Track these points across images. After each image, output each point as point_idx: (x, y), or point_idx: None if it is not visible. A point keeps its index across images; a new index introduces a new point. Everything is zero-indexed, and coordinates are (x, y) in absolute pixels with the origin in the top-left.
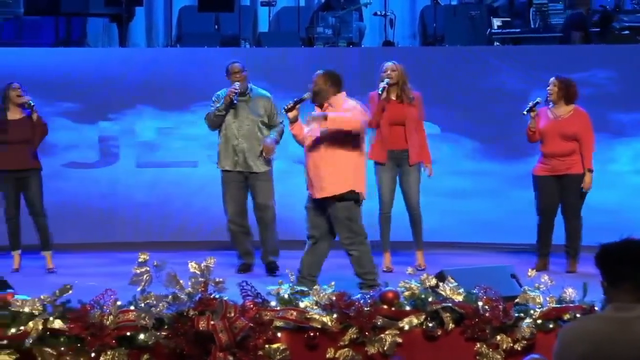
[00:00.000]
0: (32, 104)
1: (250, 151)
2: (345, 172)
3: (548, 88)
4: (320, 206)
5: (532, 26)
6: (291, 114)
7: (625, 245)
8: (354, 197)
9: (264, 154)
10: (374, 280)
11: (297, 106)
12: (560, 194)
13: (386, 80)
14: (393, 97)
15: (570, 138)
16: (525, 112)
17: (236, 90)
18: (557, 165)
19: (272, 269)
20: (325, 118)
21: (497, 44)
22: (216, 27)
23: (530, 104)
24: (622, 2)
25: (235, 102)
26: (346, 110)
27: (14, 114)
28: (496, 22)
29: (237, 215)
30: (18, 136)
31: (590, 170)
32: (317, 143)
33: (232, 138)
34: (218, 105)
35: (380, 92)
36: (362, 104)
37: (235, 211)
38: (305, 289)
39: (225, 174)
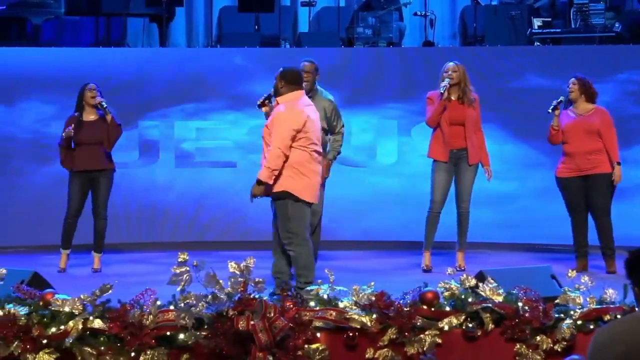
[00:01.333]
0: (105, 105)
1: None
2: (283, 173)
3: (568, 87)
4: None
5: (573, 26)
6: (264, 109)
7: None
8: (290, 197)
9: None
10: (306, 283)
11: (267, 102)
12: (587, 194)
13: (447, 80)
14: (454, 98)
15: (594, 134)
16: (550, 111)
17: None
18: (582, 164)
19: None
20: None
21: (538, 44)
22: (256, 27)
23: (555, 102)
24: None
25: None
26: (272, 124)
27: (88, 115)
28: (536, 22)
29: None
30: (91, 137)
31: (619, 163)
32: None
33: None
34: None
35: (442, 92)
36: (310, 107)
37: None
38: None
39: None
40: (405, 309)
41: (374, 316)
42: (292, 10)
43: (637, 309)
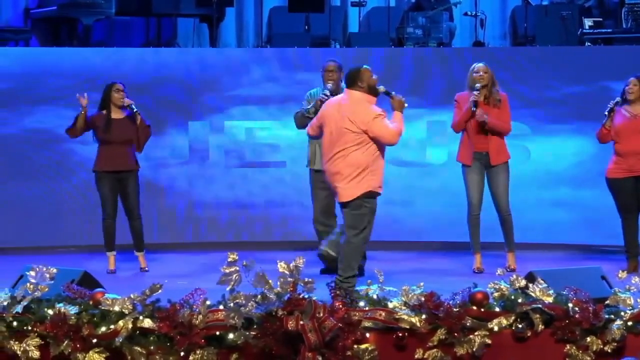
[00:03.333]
0: (134, 108)
1: None
2: (362, 175)
3: (627, 87)
4: None
5: (624, 26)
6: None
7: None
8: (375, 194)
9: None
10: (347, 278)
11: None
12: (639, 195)
13: (477, 85)
14: (481, 99)
15: None
16: (607, 113)
17: (327, 96)
18: (635, 164)
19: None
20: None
21: (589, 44)
22: (306, 27)
23: (611, 103)
24: None
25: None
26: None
27: (116, 114)
28: (587, 22)
29: (323, 215)
30: (119, 136)
31: None
32: None
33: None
34: (310, 106)
35: (473, 105)
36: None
37: (321, 210)
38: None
39: (313, 174)
40: (454, 309)
41: (424, 316)
42: (342, 10)
43: None
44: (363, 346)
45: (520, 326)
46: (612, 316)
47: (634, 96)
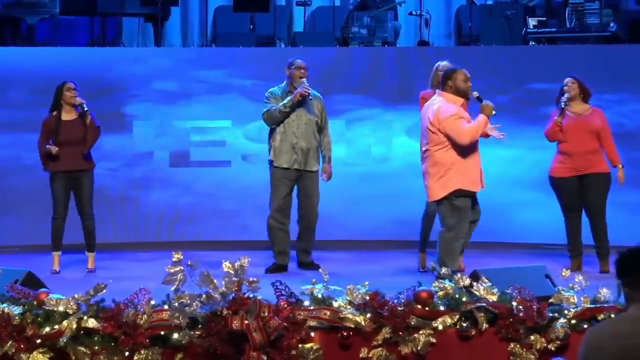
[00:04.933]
0: (85, 108)
1: (308, 150)
2: (448, 175)
3: (565, 87)
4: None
5: (568, 26)
6: None
7: None
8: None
9: (325, 177)
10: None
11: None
12: (583, 194)
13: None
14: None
15: (594, 134)
16: (563, 105)
17: (309, 90)
18: (580, 164)
19: (314, 267)
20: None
21: (533, 43)
22: (251, 27)
23: (564, 100)
24: None
25: (311, 99)
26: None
27: (67, 114)
28: (531, 22)
29: (280, 213)
30: (70, 137)
31: (623, 166)
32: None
33: (292, 136)
34: (285, 102)
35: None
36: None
37: (279, 208)
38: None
39: (278, 171)
40: (399, 308)
41: (368, 315)
42: (287, 10)
43: (628, 309)
44: (308, 345)
45: (464, 325)
46: (556, 314)
47: (574, 95)
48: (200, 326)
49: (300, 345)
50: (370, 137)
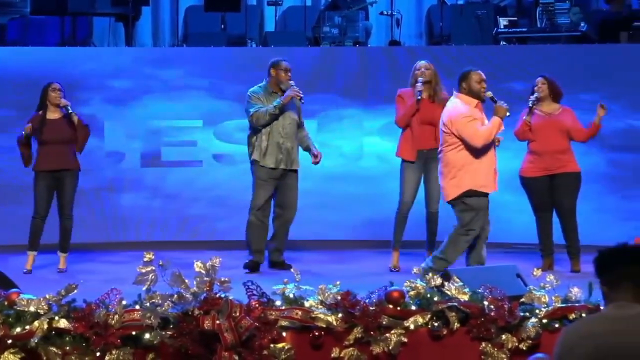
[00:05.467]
0: (70, 109)
1: (292, 149)
2: (459, 175)
3: (536, 87)
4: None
5: (539, 26)
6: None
7: (622, 247)
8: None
9: (318, 160)
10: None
11: None
12: (553, 194)
13: (421, 79)
14: (425, 96)
15: (564, 133)
16: (531, 104)
17: (301, 94)
18: (551, 164)
19: (286, 267)
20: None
21: (504, 43)
22: (222, 26)
23: (532, 99)
24: None
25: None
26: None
27: (52, 114)
28: (502, 22)
29: (262, 211)
30: (54, 136)
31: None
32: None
33: (278, 136)
34: (275, 104)
35: (419, 91)
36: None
37: (262, 207)
38: None
39: (264, 170)
40: (371, 308)
41: (340, 315)
42: (258, 10)
43: (603, 307)
44: (279, 345)
45: (436, 324)
46: (527, 314)
47: (544, 94)
48: (171, 326)
49: (271, 345)
50: (342, 136)
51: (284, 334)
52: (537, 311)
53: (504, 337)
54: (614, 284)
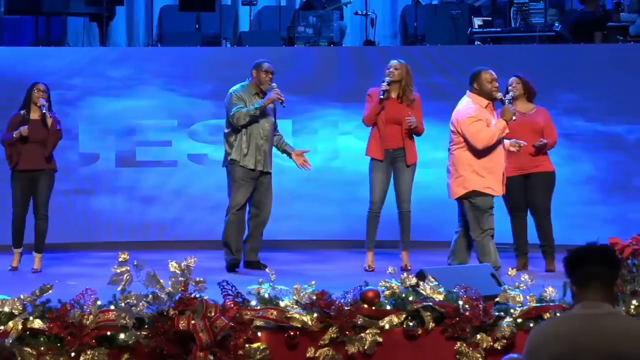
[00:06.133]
0: (44, 110)
1: (269, 151)
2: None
3: (510, 87)
4: None
5: (513, 26)
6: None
7: (591, 246)
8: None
9: (303, 163)
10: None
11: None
12: (528, 193)
13: (387, 79)
14: (393, 96)
15: (538, 133)
16: (507, 102)
17: (283, 98)
18: (525, 163)
19: (262, 267)
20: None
21: (478, 43)
22: (197, 26)
23: (509, 96)
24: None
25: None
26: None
27: (34, 114)
28: (477, 22)
29: (240, 211)
30: (35, 136)
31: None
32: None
33: (258, 138)
34: (256, 105)
35: (381, 94)
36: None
37: (240, 206)
38: None
39: (243, 171)
40: (346, 308)
41: (315, 315)
42: (233, 9)
43: (574, 307)
44: (255, 345)
45: (411, 324)
46: (502, 313)
47: (518, 94)
48: (146, 326)
49: (247, 345)
50: (316, 136)
51: (259, 333)
52: (511, 311)
53: (478, 336)
54: (583, 283)
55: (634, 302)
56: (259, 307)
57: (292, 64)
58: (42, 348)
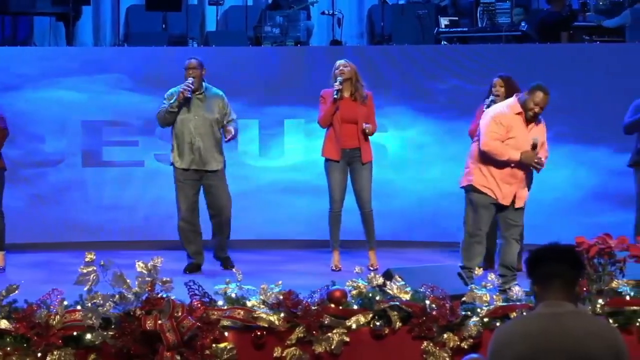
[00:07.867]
0: None
1: (206, 149)
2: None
3: (494, 89)
4: None
5: (479, 25)
6: None
7: (552, 246)
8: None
9: (227, 137)
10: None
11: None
12: None
13: (339, 78)
14: (346, 95)
15: None
16: (485, 109)
17: (190, 87)
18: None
19: (229, 265)
20: None
21: (445, 43)
22: (163, 26)
23: (488, 101)
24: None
25: (189, 97)
26: None
27: None
28: (443, 22)
29: (190, 214)
30: None
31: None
32: None
33: (189, 136)
34: (171, 101)
35: (335, 94)
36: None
37: (188, 209)
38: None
39: (179, 172)
40: (313, 307)
41: (282, 315)
42: (199, 9)
43: (536, 307)
44: (222, 345)
45: (378, 324)
46: (469, 313)
47: (502, 96)
48: (113, 326)
49: (214, 345)
50: (283, 137)
51: (226, 333)
52: (478, 310)
53: (445, 336)
54: (545, 283)
55: (600, 301)
56: (226, 307)
57: (259, 64)
58: (9, 348)
